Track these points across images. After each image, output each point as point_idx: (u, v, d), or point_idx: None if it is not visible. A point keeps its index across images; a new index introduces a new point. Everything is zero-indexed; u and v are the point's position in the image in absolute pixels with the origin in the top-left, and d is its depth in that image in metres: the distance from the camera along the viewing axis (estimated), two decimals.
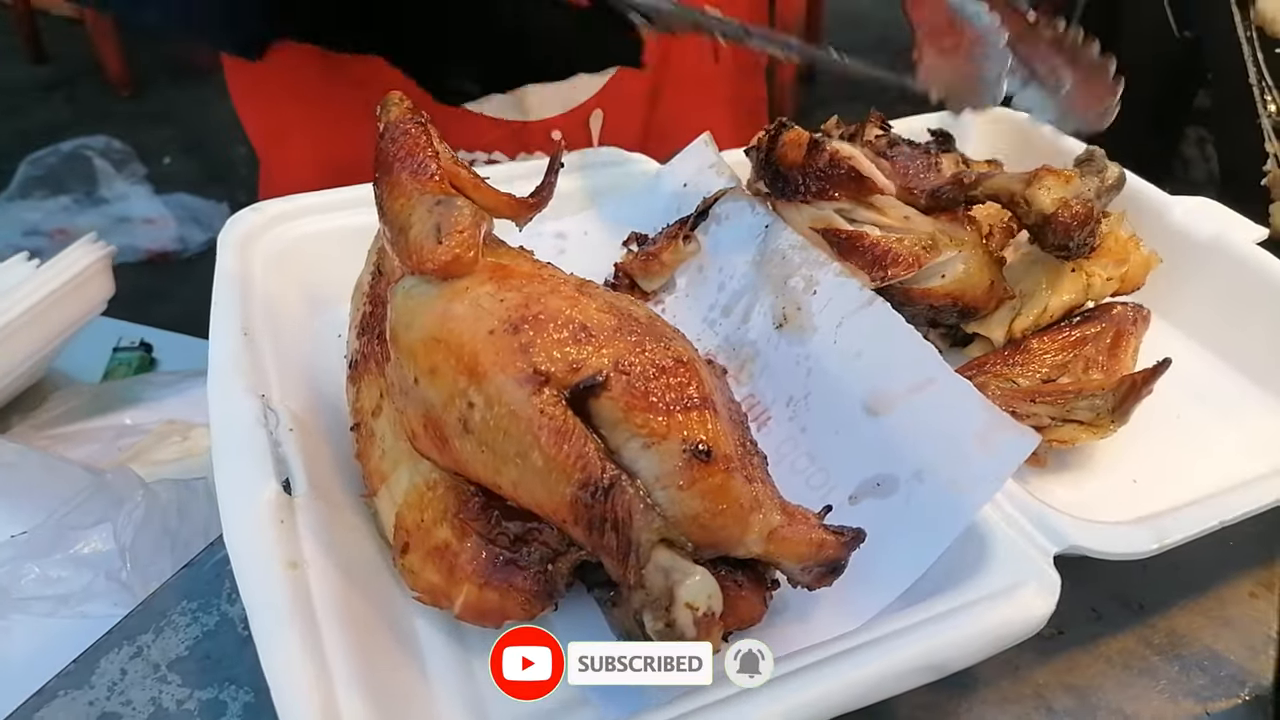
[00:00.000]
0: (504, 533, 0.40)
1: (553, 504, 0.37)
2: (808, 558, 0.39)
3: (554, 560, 0.39)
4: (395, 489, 0.43)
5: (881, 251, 0.56)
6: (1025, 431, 0.44)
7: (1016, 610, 0.39)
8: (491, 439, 0.38)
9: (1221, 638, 0.49)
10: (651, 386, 0.38)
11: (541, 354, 0.38)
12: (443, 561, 0.40)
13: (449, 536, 0.40)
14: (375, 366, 0.46)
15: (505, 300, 0.40)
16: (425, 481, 0.42)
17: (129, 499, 0.59)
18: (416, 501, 0.42)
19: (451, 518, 0.41)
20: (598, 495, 0.36)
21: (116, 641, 0.47)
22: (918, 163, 0.61)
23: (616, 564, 0.36)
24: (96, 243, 0.89)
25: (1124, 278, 0.59)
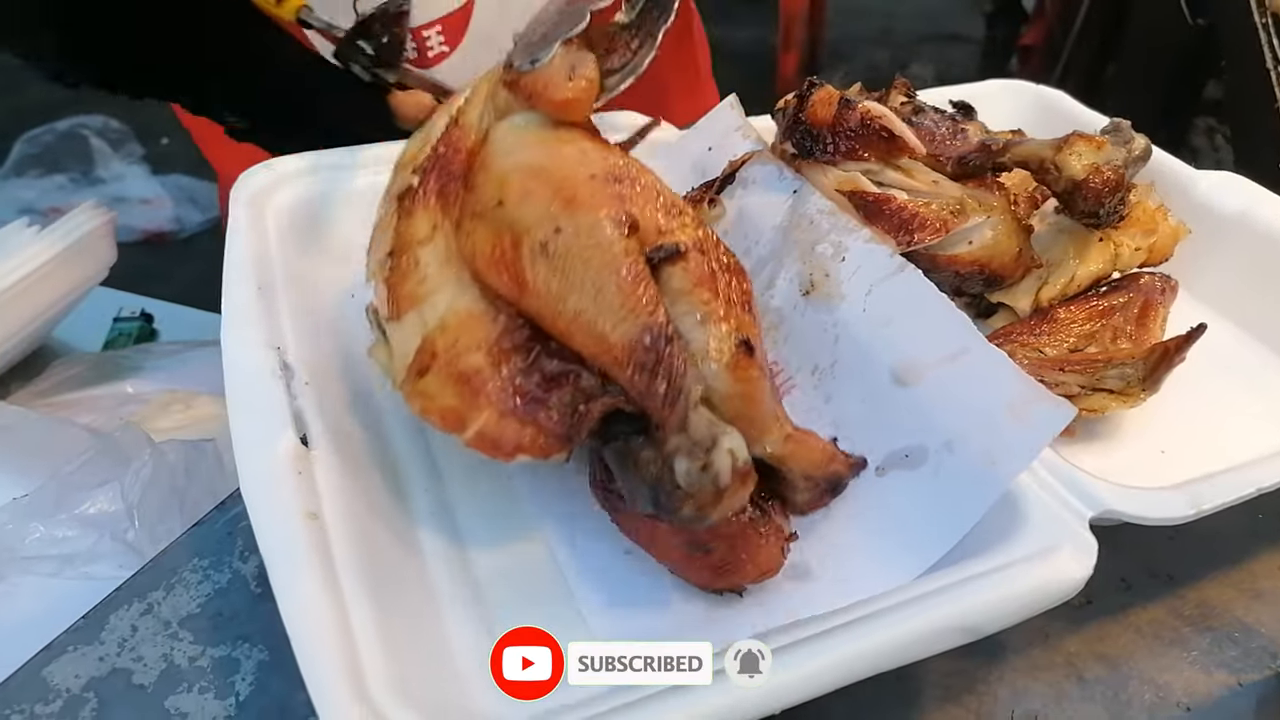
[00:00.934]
0: (540, 370, 0.40)
1: (611, 339, 0.38)
2: (818, 466, 0.42)
3: (585, 402, 0.39)
4: (429, 312, 0.41)
5: (909, 215, 0.54)
6: (1060, 403, 0.43)
7: (1052, 573, 0.38)
8: (569, 266, 0.39)
9: (1252, 610, 0.48)
10: (719, 275, 0.41)
11: (635, 207, 0.41)
12: (467, 386, 0.39)
13: (481, 363, 0.40)
14: (435, 200, 0.45)
15: (607, 158, 0.43)
16: (468, 309, 0.41)
17: (136, 458, 0.57)
18: (454, 325, 0.41)
19: (490, 346, 0.40)
20: (657, 341, 0.38)
21: (126, 598, 0.46)
22: (943, 129, 0.60)
23: (661, 407, 0.37)
24: (98, 208, 0.88)
25: (1152, 248, 0.58)
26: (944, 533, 0.41)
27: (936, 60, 3.52)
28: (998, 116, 0.74)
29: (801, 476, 0.42)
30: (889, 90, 0.63)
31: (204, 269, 1.40)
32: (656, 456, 0.36)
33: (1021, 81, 0.80)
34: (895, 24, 3.75)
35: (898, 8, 3.97)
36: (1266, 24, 1.19)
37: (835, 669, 0.34)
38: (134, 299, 1.07)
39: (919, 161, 0.57)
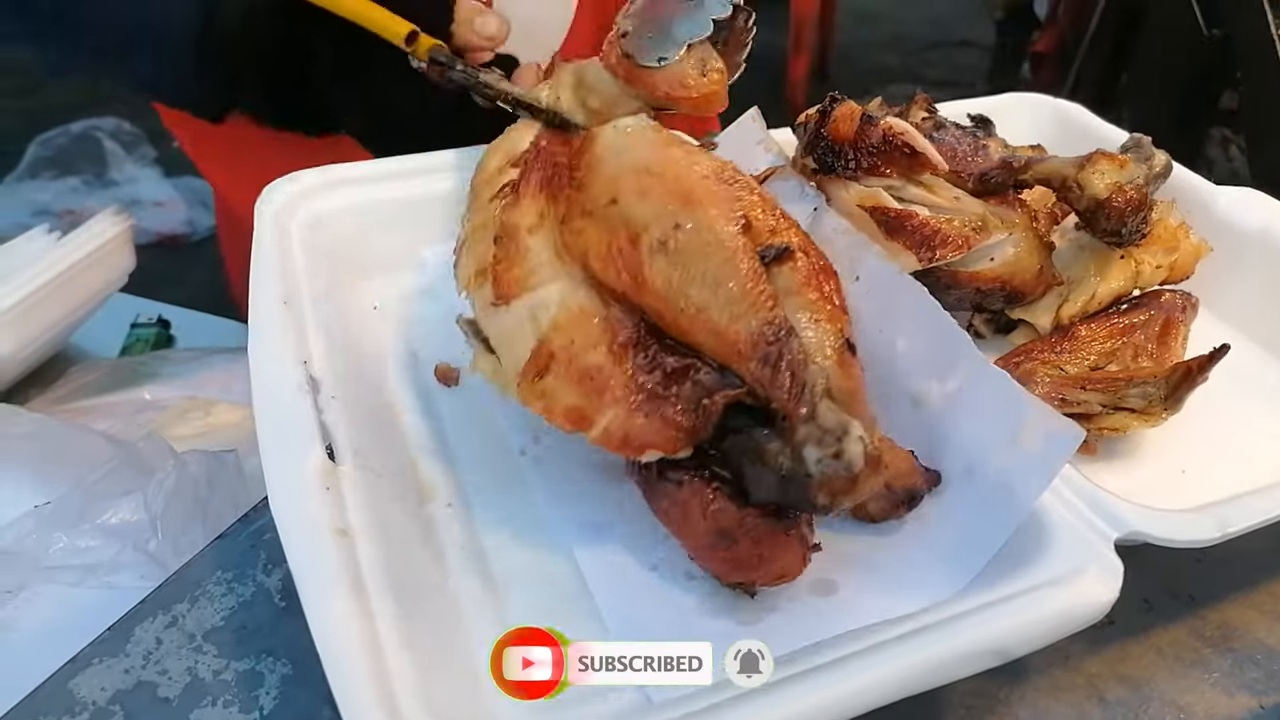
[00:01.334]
0: (660, 366, 0.40)
1: (731, 332, 0.39)
2: (902, 475, 0.43)
3: (708, 396, 0.39)
4: (542, 307, 0.42)
5: (930, 231, 0.55)
6: (1071, 425, 0.43)
7: (1079, 596, 0.38)
8: (689, 261, 0.40)
9: (1274, 632, 0.48)
10: (824, 277, 0.43)
11: (745, 207, 0.43)
12: (591, 384, 0.40)
13: (603, 360, 0.40)
14: (541, 190, 0.46)
15: (713, 160, 0.45)
16: (581, 306, 0.42)
17: (159, 468, 0.58)
18: (569, 324, 0.41)
19: (609, 342, 0.41)
20: (779, 334, 0.39)
21: (151, 610, 0.47)
22: (964, 145, 0.60)
23: (787, 399, 0.37)
24: (118, 215, 0.89)
25: (1173, 266, 0.58)
26: (969, 557, 0.41)
27: (947, 65, 3.52)
28: (1016, 130, 0.74)
29: (884, 484, 0.43)
30: (910, 106, 0.63)
31: (217, 272, 1.41)
32: (784, 447, 0.37)
33: (1040, 95, 0.80)
34: (905, 29, 3.75)
35: (908, 13, 3.97)
36: None
37: (864, 692, 0.34)
38: (151, 305, 1.07)
39: (941, 178, 0.57)
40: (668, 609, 0.42)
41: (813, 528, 0.43)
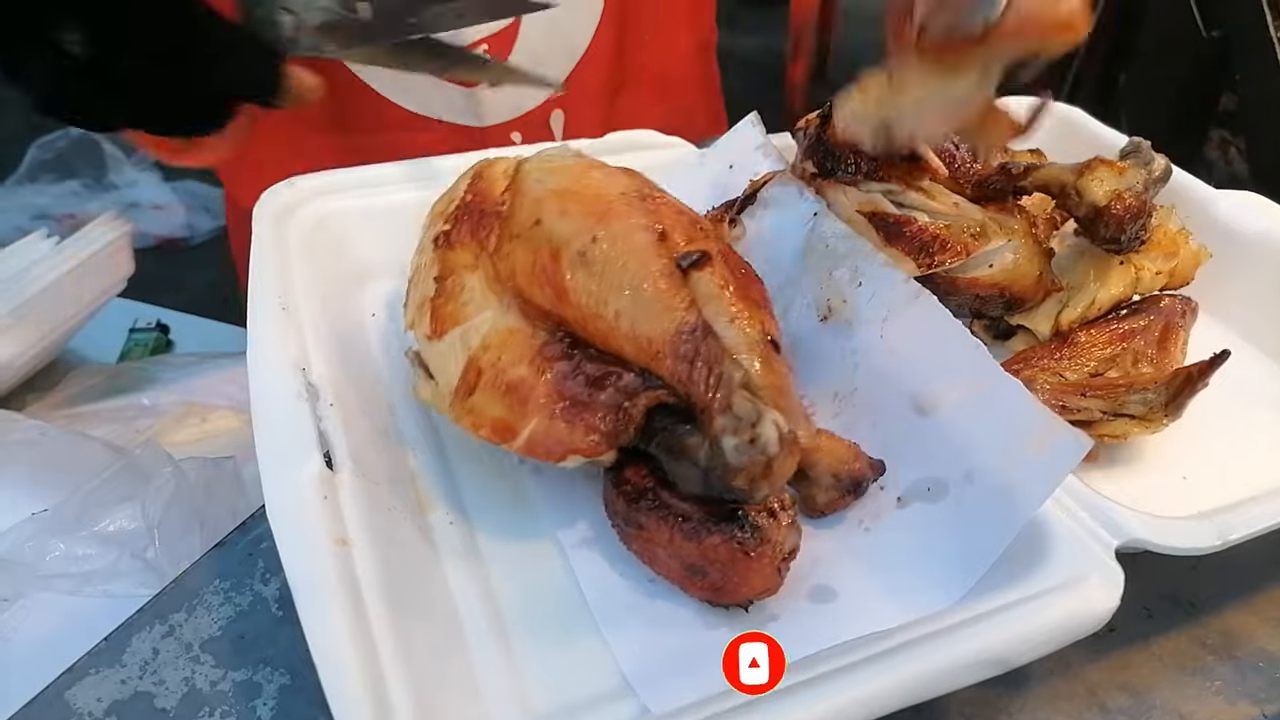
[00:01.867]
0: (583, 373, 0.42)
1: (651, 334, 0.41)
2: (844, 463, 0.44)
3: (629, 399, 0.41)
4: (473, 332, 0.44)
5: (929, 238, 0.54)
6: (1078, 435, 0.42)
7: (1080, 604, 0.38)
8: (608, 270, 0.43)
9: (1276, 639, 0.48)
10: (742, 280, 0.45)
11: (663, 219, 0.45)
12: (514, 396, 0.42)
13: (526, 373, 0.42)
14: (470, 238, 0.49)
15: (631, 179, 0.48)
16: (510, 327, 0.44)
17: (157, 476, 0.58)
18: (498, 343, 0.44)
19: (533, 356, 0.43)
20: (694, 332, 0.40)
21: (148, 620, 0.46)
22: (964, 151, 0.60)
23: (704, 392, 0.39)
24: (116, 220, 0.88)
25: (1173, 272, 0.58)
26: (969, 564, 0.41)
27: None
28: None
29: (828, 473, 0.44)
30: None
31: (216, 276, 1.41)
32: (703, 440, 0.39)
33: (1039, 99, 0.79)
34: None
35: None
36: None
37: (865, 702, 0.34)
38: (150, 310, 1.07)
39: (940, 184, 0.57)
40: (666, 620, 0.42)
41: (796, 527, 0.42)
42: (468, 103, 0.79)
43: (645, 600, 0.43)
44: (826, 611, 0.42)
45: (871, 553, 0.44)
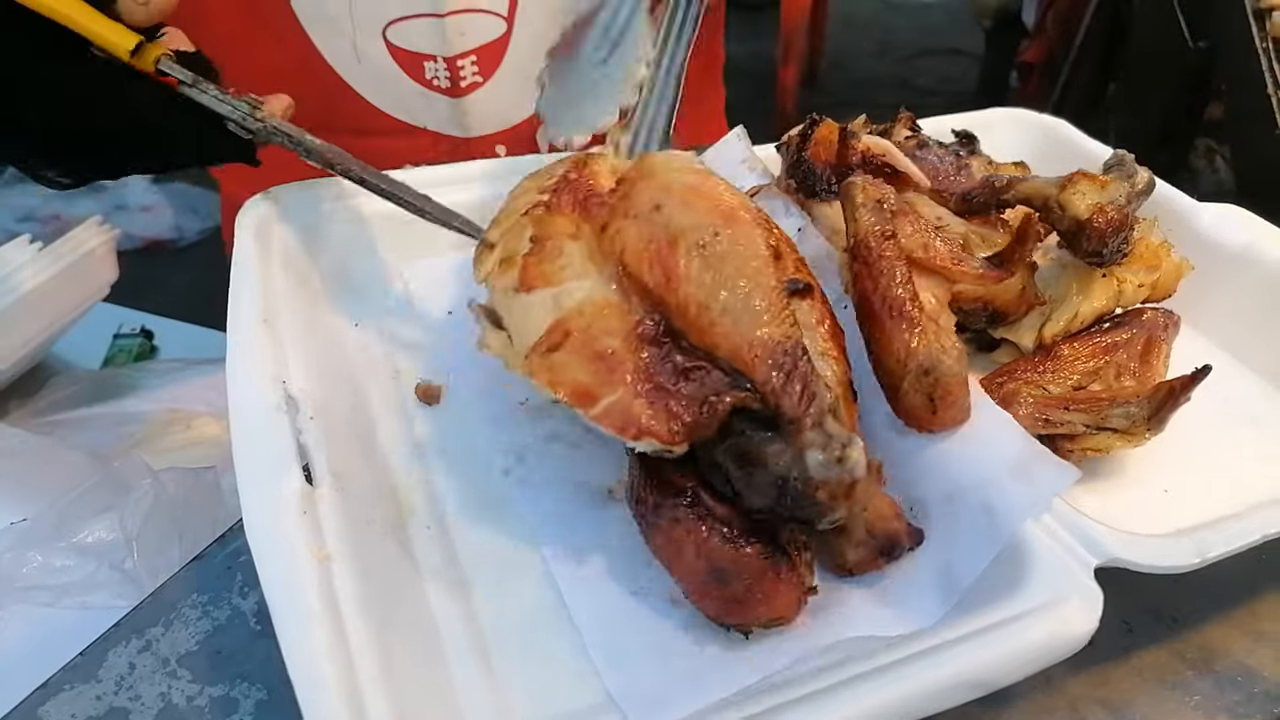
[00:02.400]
0: (672, 361, 0.42)
1: (752, 338, 0.41)
2: (884, 519, 0.43)
3: (716, 395, 0.40)
4: (567, 295, 0.44)
5: None
6: (1064, 466, 0.43)
7: (1060, 625, 0.38)
8: (722, 265, 0.43)
9: (1254, 653, 0.48)
10: (833, 324, 0.45)
11: (779, 241, 0.45)
12: (601, 364, 0.41)
13: (618, 346, 0.42)
14: (575, 210, 0.49)
15: (749, 200, 0.48)
16: (607, 299, 0.44)
17: (136, 487, 0.57)
18: (592, 311, 0.43)
19: (626, 333, 0.43)
20: (796, 347, 0.41)
21: (125, 635, 0.46)
22: (947, 165, 0.60)
23: (796, 404, 0.39)
24: (101, 225, 0.88)
25: (1155, 285, 0.58)
26: (948, 585, 0.41)
27: (936, 74, 3.53)
28: (1000, 145, 0.74)
29: (864, 527, 0.43)
30: (893, 124, 0.63)
31: (203, 277, 1.38)
32: (787, 449, 0.39)
33: (1023, 110, 0.80)
34: (895, 37, 3.77)
35: (898, 21, 3.99)
36: (1267, 48, 1.20)
37: None
38: (134, 315, 1.07)
39: (924, 196, 0.57)
40: (650, 634, 0.42)
41: (813, 569, 0.42)
42: (454, 114, 0.79)
43: (631, 617, 0.43)
44: (812, 621, 0.42)
45: (853, 577, 0.44)
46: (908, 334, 0.45)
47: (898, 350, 0.45)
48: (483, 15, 0.75)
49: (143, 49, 0.49)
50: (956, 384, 0.45)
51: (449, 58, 0.76)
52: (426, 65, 0.77)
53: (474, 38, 0.76)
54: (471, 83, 0.78)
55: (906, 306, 0.46)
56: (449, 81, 0.77)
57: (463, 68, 0.77)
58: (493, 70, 0.78)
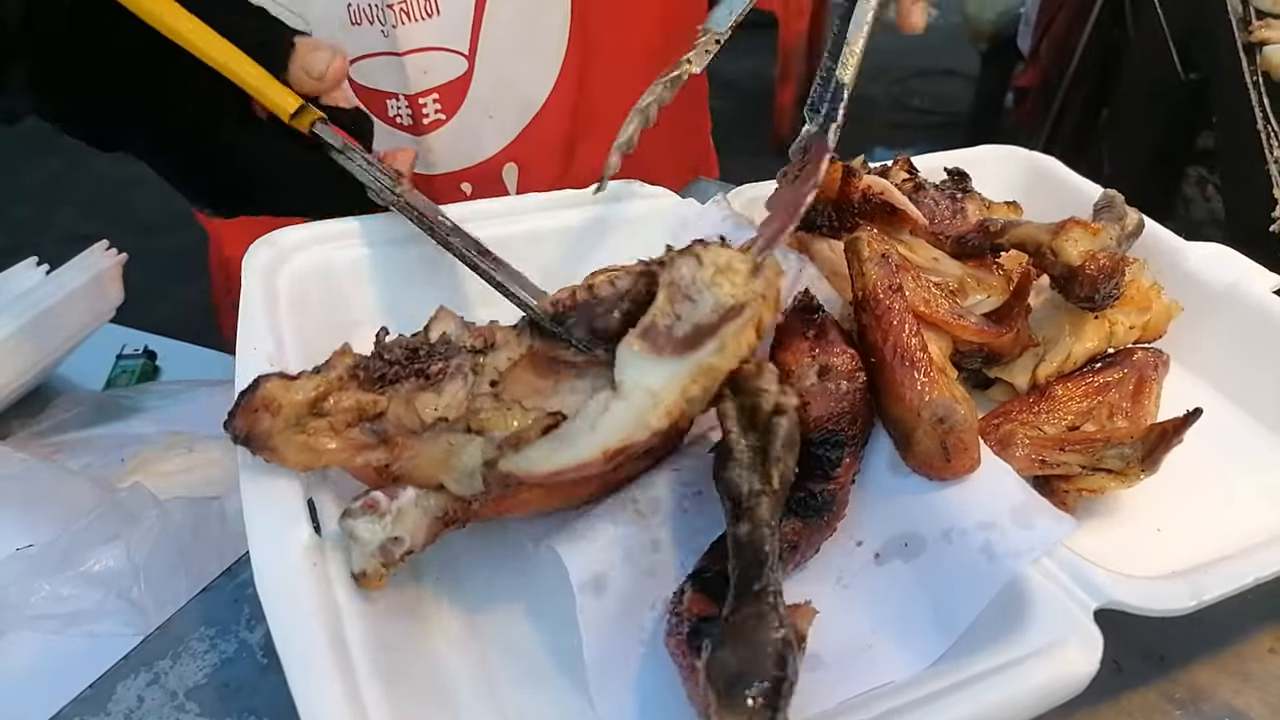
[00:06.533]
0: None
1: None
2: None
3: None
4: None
5: None
6: (1061, 517, 0.44)
7: (1060, 669, 0.39)
8: None
9: (1241, 693, 0.49)
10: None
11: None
12: None
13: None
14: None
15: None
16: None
17: (143, 517, 0.58)
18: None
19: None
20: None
21: (134, 667, 0.47)
22: (943, 207, 0.61)
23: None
24: (107, 250, 0.89)
25: (1146, 326, 0.60)
26: (946, 625, 0.42)
27: (931, 95, 3.56)
28: (991, 182, 0.75)
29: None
30: (891, 166, 0.65)
31: (205, 288, 1.39)
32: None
33: (1015, 148, 0.81)
34: (891, 58, 3.80)
35: (894, 42, 4.02)
36: (1258, 81, 1.22)
37: None
38: (137, 335, 1.07)
39: (920, 238, 0.58)
40: (664, 691, 0.41)
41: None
42: (418, 151, 0.79)
43: (640, 670, 0.42)
44: (815, 675, 0.42)
45: (849, 611, 0.45)
46: (920, 383, 0.46)
47: (910, 399, 0.46)
48: (443, 53, 0.76)
49: (302, 112, 0.54)
50: (969, 433, 0.46)
51: (410, 95, 0.77)
52: (389, 103, 0.77)
53: (435, 76, 0.77)
54: (434, 120, 0.79)
55: (918, 356, 0.47)
56: (411, 119, 0.78)
57: (425, 105, 0.78)
58: (455, 108, 0.79)
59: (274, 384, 0.42)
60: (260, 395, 0.41)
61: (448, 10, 0.74)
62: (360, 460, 0.43)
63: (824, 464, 0.47)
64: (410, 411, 0.44)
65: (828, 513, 0.47)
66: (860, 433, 0.49)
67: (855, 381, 0.49)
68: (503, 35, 0.77)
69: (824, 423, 0.48)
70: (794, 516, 0.46)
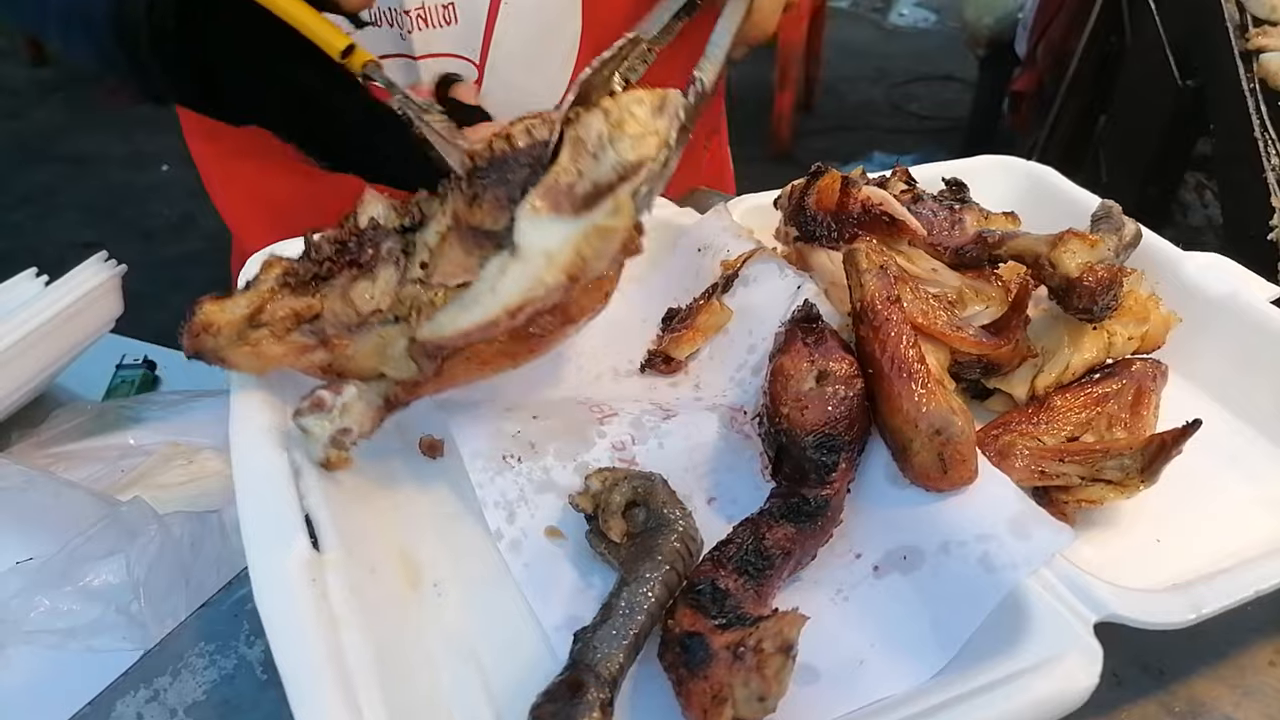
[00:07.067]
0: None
1: None
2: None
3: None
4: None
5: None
6: (1060, 528, 0.44)
7: (1060, 682, 0.39)
8: None
9: (1241, 706, 0.49)
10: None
11: None
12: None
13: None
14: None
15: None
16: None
17: (142, 532, 0.58)
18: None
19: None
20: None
21: (133, 684, 0.47)
22: (941, 218, 0.61)
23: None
24: (106, 262, 0.89)
25: (1145, 337, 0.60)
26: (945, 638, 0.42)
27: (930, 100, 3.57)
28: (989, 193, 0.75)
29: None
30: (890, 177, 0.65)
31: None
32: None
33: (1012, 158, 0.82)
34: (890, 63, 3.81)
35: (893, 48, 4.04)
36: (1254, 89, 1.22)
37: None
38: (137, 345, 1.07)
39: (919, 249, 0.58)
40: (659, 706, 0.41)
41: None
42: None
43: (638, 686, 0.42)
44: (815, 689, 0.42)
45: (848, 624, 0.45)
46: (918, 394, 0.46)
47: (907, 410, 0.46)
48: (454, 60, 0.77)
49: (353, 51, 0.54)
50: (967, 444, 0.46)
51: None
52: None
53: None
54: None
55: (915, 367, 0.47)
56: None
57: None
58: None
59: (209, 307, 0.45)
60: (199, 319, 0.45)
61: (462, 18, 0.75)
62: (304, 361, 0.46)
63: (820, 468, 0.47)
64: (347, 304, 0.46)
65: (822, 518, 0.47)
66: (856, 439, 0.49)
67: (853, 388, 0.49)
68: (514, 45, 0.78)
69: (820, 427, 0.48)
70: (788, 522, 0.46)
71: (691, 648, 0.38)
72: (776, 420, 0.49)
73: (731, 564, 0.44)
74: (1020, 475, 0.52)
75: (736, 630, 0.39)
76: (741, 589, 0.43)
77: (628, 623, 0.40)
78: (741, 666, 0.37)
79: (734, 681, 0.36)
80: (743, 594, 0.42)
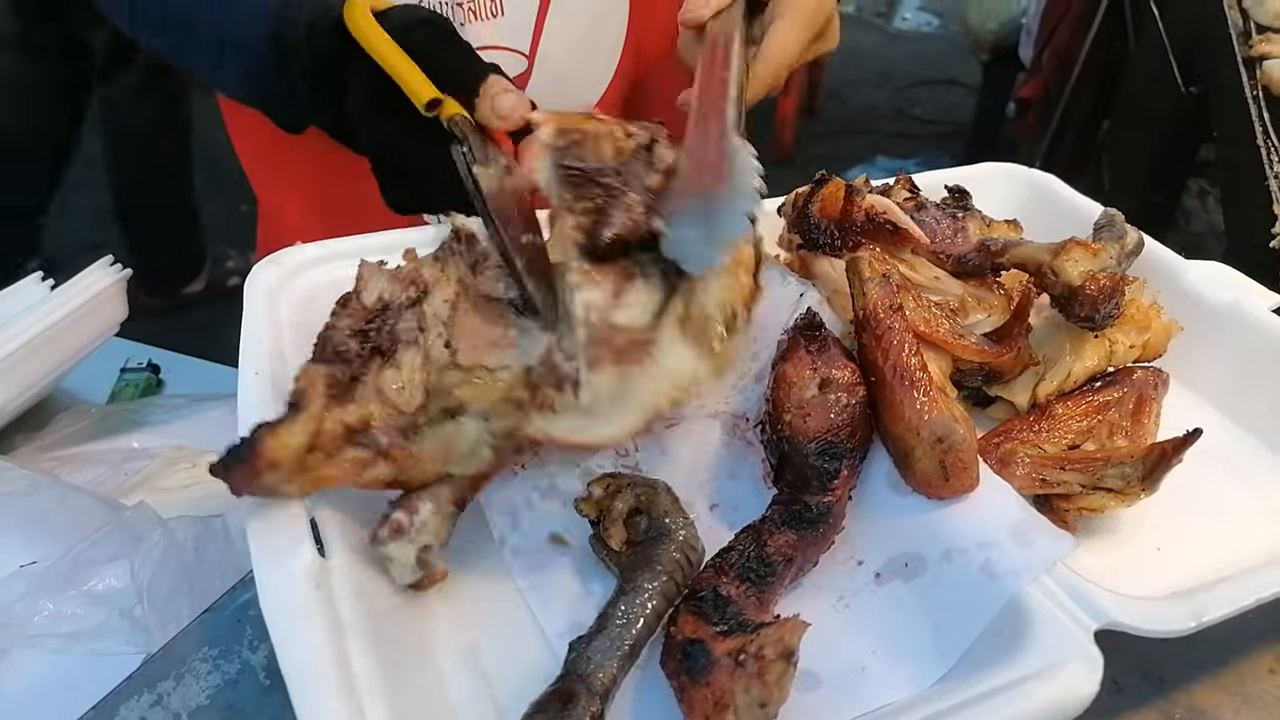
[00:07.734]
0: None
1: None
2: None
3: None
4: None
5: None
6: (1061, 535, 0.44)
7: (1061, 690, 0.39)
8: None
9: (1242, 714, 0.49)
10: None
11: None
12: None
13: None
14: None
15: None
16: None
17: (147, 537, 0.58)
18: None
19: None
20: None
21: (137, 688, 0.47)
22: (944, 226, 0.62)
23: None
24: (111, 266, 0.89)
25: (1146, 345, 0.60)
26: (946, 645, 0.42)
27: (934, 104, 3.57)
28: (992, 200, 0.75)
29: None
30: (893, 185, 0.65)
31: (207, 297, 1.37)
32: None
33: (1014, 165, 0.82)
34: (894, 67, 3.81)
35: (896, 52, 4.04)
36: (1258, 96, 1.22)
37: None
38: (141, 349, 1.07)
39: (922, 257, 0.59)
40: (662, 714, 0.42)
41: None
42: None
43: (641, 695, 0.43)
44: (816, 695, 0.43)
45: (850, 631, 0.45)
46: (920, 402, 0.46)
47: (909, 418, 0.47)
48: (504, 52, 0.77)
49: (439, 105, 0.54)
50: (968, 452, 0.46)
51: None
52: None
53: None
54: None
55: (917, 375, 0.47)
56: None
57: None
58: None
59: (270, 442, 0.41)
60: (264, 457, 0.41)
61: (511, 11, 0.75)
62: (366, 478, 0.43)
63: (822, 475, 0.47)
64: (386, 405, 0.44)
65: (824, 524, 0.47)
66: (859, 446, 0.49)
67: (855, 395, 0.49)
68: (563, 37, 0.78)
69: (823, 434, 0.48)
70: (790, 529, 0.46)
71: (693, 654, 0.39)
72: (779, 427, 0.49)
73: (733, 571, 0.44)
74: (1021, 483, 0.52)
75: (738, 637, 0.39)
76: (743, 596, 0.43)
77: (623, 634, 0.40)
78: (743, 673, 0.37)
79: (736, 688, 0.37)
80: (744, 601, 0.43)
